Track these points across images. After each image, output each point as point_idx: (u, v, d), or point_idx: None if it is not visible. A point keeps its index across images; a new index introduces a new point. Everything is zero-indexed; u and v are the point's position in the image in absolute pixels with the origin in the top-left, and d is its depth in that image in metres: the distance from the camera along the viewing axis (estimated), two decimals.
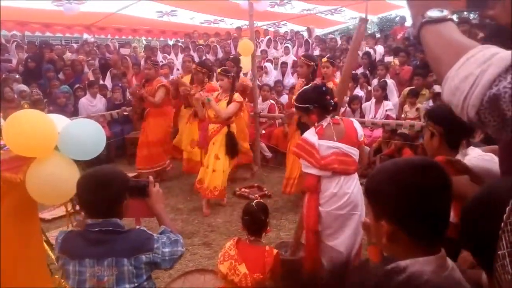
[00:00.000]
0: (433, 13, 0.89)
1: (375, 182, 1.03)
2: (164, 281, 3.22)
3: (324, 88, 2.80)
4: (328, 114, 2.74)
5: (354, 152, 2.71)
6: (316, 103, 2.73)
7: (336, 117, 2.79)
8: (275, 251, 2.60)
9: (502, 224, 0.75)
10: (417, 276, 0.45)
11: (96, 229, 1.62)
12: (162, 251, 1.67)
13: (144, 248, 1.64)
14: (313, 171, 2.64)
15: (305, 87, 2.88)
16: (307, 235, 2.74)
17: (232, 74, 4.53)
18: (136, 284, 1.60)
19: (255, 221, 2.58)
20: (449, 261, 0.99)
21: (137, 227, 1.79)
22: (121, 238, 1.64)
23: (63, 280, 2.35)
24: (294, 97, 2.98)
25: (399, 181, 0.96)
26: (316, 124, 2.74)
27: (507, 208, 0.74)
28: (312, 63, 4.54)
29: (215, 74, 5.36)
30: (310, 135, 2.70)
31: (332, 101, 2.73)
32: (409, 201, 0.94)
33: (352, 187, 2.67)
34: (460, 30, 0.90)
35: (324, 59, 5.15)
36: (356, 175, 2.75)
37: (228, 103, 4.50)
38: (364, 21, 2.91)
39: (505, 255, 0.74)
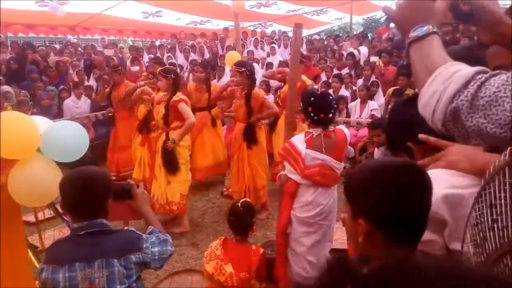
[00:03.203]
0: (416, 32, 0.95)
1: (354, 180, 1.04)
2: (152, 282, 3.22)
3: (312, 98, 2.65)
4: (317, 125, 2.67)
5: (339, 167, 2.70)
6: (302, 108, 2.74)
7: (331, 128, 2.71)
8: (261, 250, 2.63)
9: (466, 219, 0.79)
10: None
11: (82, 232, 1.61)
12: (151, 250, 1.67)
13: (133, 248, 1.63)
14: (295, 177, 2.65)
15: (309, 89, 2.87)
16: (277, 236, 2.79)
17: (172, 75, 4.05)
18: (126, 285, 1.60)
19: (241, 221, 2.60)
20: None
21: (126, 228, 1.79)
22: (110, 238, 1.63)
23: None
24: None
25: (377, 181, 0.97)
26: (306, 128, 2.76)
27: (471, 203, 0.78)
28: (243, 69, 4.22)
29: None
30: (299, 142, 2.66)
31: (315, 115, 2.63)
32: (386, 201, 0.94)
33: (327, 199, 2.68)
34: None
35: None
36: (334, 187, 2.77)
37: (166, 106, 4.05)
38: (299, 25, 2.90)
39: (469, 248, 0.78)
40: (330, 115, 2.67)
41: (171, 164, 4.08)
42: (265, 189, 4.52)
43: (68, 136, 2.14)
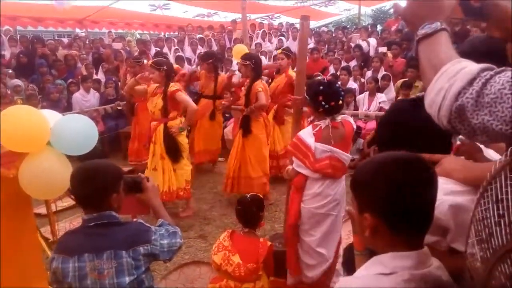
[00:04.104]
0: (424, 29, 0.95)
1: (361, 175, 1.04)
2: (161, 274, 3.26)
3: (321, 87, 2.61)
4: (325, 115, 2.64)
5: (347, 159, 2.69)
6: (310, 99, 2.67)
7: (338, 119, 2.68)
8: (268, 243, 2.64)
9: (471, 214, 0.79)
10: None
11: (92, 224, 1.64)
12: (160, 243, 1.68)
13: (142, 240, 1.65)
14: (305, 171, 2.64)
15: (315, 78, 2.83)
16: (287, 229, 2.79)
17: (164, 67, 4.10)
18: (135, 276, 1.62)
19: (247, 212, 2.61)
20: (434, 260, 1.00)
21: (135, 220, 1.81)
22: (119, 230, 1.66)
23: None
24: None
25: (384, 175, 0.97)
26: (308, 120, 2.74)
27: (476, 198, 0.78)
28: (248, 62, 4.44)
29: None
30: (307, 135, 2.63)
31: (326, 103, 2.59)
32: (392, 195, 0.95)
33: (335, 189, 2.68)
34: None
35: (279, 51, 5.20)
36: (343, 178, 2.76)
37: (164, 98, 4.12)
38: (306, 18, 2.85)
39: (474, 243, 0.78)
40: (340, 102, 2.65)
41: (175, 153, 4.19)
42: (263, 179, 4.62)
43: (78, 129, 2.16)
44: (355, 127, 2.77)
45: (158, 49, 9.34)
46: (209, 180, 5.52)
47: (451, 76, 0.85)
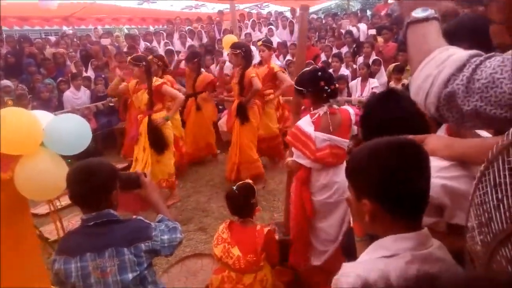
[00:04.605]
0: (417, 13, 0.94)
1: (355, 161, 1.05)
2: (162, 268, 3.28)
3: (320, 73, 2.61)
4: (324, 101, 2.63)
5: (346, 144, 2.69)
6: (310, 88, 2.63)
7: (334, 106, 2.69)
8: (266, 229, 2.63)
9: (470, 198, 0.79)
10: None
11: (91, 223, 1.64)
12: (161, 238, 1.69)
13: (142, 236, 1.66)
14: (305, 162, 2.63)
15: (305, 69, 2.74)
16: (299, 221, 2.77)
17: (143, 62, 4.17)
18: (138, 272, 1.63)
19: (238, 204, 2.60)
20: (435, 241, 1.02)
21: (134, 217, 1.81)
22: (119, 228, 1.66)
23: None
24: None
25: (378, 161, 0.98)
26: (311, 110, 2.67)
27: (473, 183, 0.79)
28: (238, 51, 4.54)
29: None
30: (306, 124, 2.61)
31: (328, 87, 2.59)
32: (389, 180, 0.96)
33: (340, 176, 2.67)
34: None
35: (259, 43, 5.25)
36: (344, 163, 2.78)
37: (149, 92, 4.18)
38: (305, 8, 2.80)
39: (473, 227, 0.78)
40: (337, 85, 2.70)
41: (159, 144, 4.27)
42: (258, 162, 4.88)
43: (71, 129, 2.14)
44: (353, 117, 2.75)
45: (147, 43, 9.25)
46: (206, 173, 5.53)
47: (439, 63, 0.84)
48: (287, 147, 5.53)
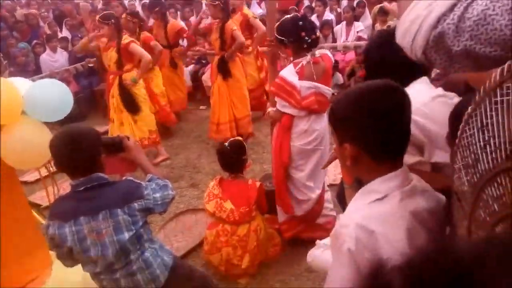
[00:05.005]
0: None
1: (337, 107, 1.06)
2: (158, 224, 3.34)
3: (300, 22, 2.56)
4: (305, 51, 2.59)
5: (329, 92, 2.70)
6: (291, 37, 2.57)
7: (317, 53, 2.65)
8: (258, 183, 2.69)
9: (457, 140, 0.80)
10: None
11: (82, 188, 1.64)
12: (153, 196, 1.70)
13: (135, 196, 1.67)
14: (291, 111, 2.62)
15: (285, 17, 2.66)
16: (277, 168, 2.81)
17: (112, 20, 4.05)
18: (133, 231, 1.66)
19: (229, 160, 2.63)
20: (411, 174, 1.06)
21: (124, 178, 1.81)
22: (111, 189, 1.66)
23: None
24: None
25: (358, 105, 0.99)
26: (292, 59, 2.63)
27: (460, 126, 0.79)
28: (217, 2, 4.32)
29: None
30: (289, 74, 2.59)
31: (308, 37, 2.54)
32: (369, 123, 0.97)
33: (321, 124, 2.70)
34: None
35: None
36: (326, 112, 2.78)
37: (118, 50, 4.07)
38: None
39: (460, 168, 0.79)
40: (318, 34, 2.66)
41: (131, 104, 4.21)
42: (247, 118, 4.71)
43: (51, 95, 2.09)
44: (333, 60, 2.75)
45: None
46: (193, 129, 5.50)
47: (428, 4, 0.81)
48: (268, 98, 5.53)
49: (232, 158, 2.60)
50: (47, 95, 2.07)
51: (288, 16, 2.68)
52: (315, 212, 2.89)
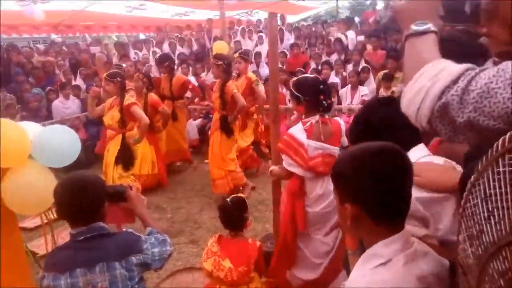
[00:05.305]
0: (416, 26, 0.96)
1: (339, 166, 1.07)
2: (154, 282, 3.22)
3: (321, 86, 2.61)
4: (318, 113, 2.62)
5: (337, 152, 2.68)
6: (308, 97, 2.61)
7: (326, 115, 2.68)
8: (258, 243, 2.62)
9: (460, 210, 0.79)
10: None
11: (81, 238, 1.61)
12: (151, 251, 1.67)
13: (134, 249, 1.64)
14: (297, 170, 2.59)
15: (306, 76, 2.71)
16: (287, 232, 2.73)
17: (118, 78, 4.26)
18: (129, 287, 1.61)
19: (231, 217, 2.58)
20: (413, 238, 1.05)
21: (124, 230, 1.78)
22: (110, 241, 1.64)
23: None
24: (291, 81, 2.79)
25: (359, 165, 1.00)
26: (303, 118, 2.66)
27: (464, 194, 0.79)
28: (220, 63, 4.51)
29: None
30: (298, 132, 2.59)
31: (325, 102, 2.60)
32: (369, 184, 0.98)
33: None
34: None
35: (236, 55, 5.27)
36: None
37: (121, 110, 4.24)
38: (273, 15, 2.79)
39: (465, 239, 0.78)
40: (332, 98, 2.73)
41: (128, 160, 4.31)
42: (239, 173, 4.83)
43: (59, 140, 2.12)
44: (344, 127, 2.75)
45: (137, 51, 9.23)
46: (196, 182, 5.48)
47: (433, 75, 0.84)
48: (264, 156, 5.62)
49: (234, 215, 2.57)
50: (56, 141, 2.10)
51: (309, 76, 2.72)
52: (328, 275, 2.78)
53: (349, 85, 6.38)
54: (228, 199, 2.60)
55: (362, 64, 6.93)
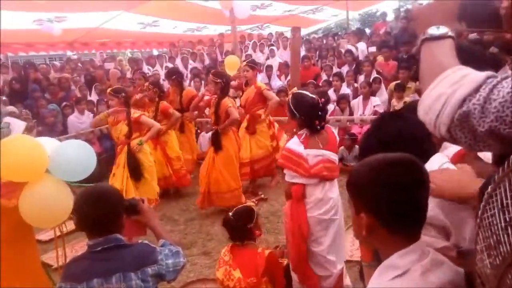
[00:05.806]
0: (433, 30, 0.95)
1: (355, 176, 1.07)
2: None
3: (320, 112, 2.66)
4: (311, 131, 2.67)
5: (336, 158, 2.74)
6: (303, 117, 2.66)
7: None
8: (267, 252, 2.60)
9: (478, 220, 0.79)
10: None
11: (99, 248, 1.63)
12: (166, 263, 1.69)
13: (149, 260, 1.66)
14: (301, 180, 2.64)
15: (307, 95, 2.72)
16: (297, 242, 2.71)
17: (122, 94, 4.42)
18: None
19: (236, 230, 2.58)
20: (428, 248, 1.04)
21: (140, 241, 1.80)
22: (126, 252, 1.66)
23: None
24: (291, 92, 2.85)
25: (376, 176, 1.00)
26: (295, 131, 2.72)
27: (481, 205, 0.78)
28: (219, 80, 4.61)
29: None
30: (295, 145, 2.65)
31: (319, 125, 2.66)
32: (385, 195, 0.97)
33: (335, 192, 2.70)
34: None
35: (244, 63, 5.28)
36: (336, 180, 2.78)
37: (129, 123, 4.38)
38: (297, 29, 2.85)
39: (482, 249, 0.77)
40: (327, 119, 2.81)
41: (136, 171, 4.42)
42: (236, 191, 4.75)
43: (76, 155, 2.16)
44: (335, 131, 2.85)
45: (150, 67, 9.38)
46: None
47: (453, 82, 0.83)
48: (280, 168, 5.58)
49: (237, 227, 2.56)
50: (72, 155, 2.14)
51: (310, 95, 2.70)
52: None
53: (361, 96, 6.38)
54: (230, 213, 2.60)
55: (374, 74, 6.92)
